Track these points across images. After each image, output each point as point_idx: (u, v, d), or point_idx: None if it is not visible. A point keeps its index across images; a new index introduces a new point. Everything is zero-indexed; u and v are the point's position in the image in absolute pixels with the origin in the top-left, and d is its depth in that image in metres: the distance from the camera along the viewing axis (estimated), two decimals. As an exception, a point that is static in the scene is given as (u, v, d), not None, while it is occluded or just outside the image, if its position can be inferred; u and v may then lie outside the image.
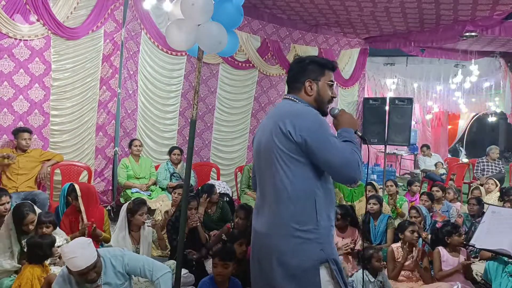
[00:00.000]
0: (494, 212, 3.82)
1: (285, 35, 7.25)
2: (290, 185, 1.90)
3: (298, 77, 2.08)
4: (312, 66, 2.07)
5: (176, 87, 6.27)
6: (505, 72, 9.22)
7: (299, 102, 2.05)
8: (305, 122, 1.89)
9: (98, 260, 2.65)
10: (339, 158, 1.83)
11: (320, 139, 1.85)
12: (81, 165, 5.34)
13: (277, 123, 1.93)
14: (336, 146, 1.85)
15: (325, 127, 1.89)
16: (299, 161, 1.89)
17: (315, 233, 1.89)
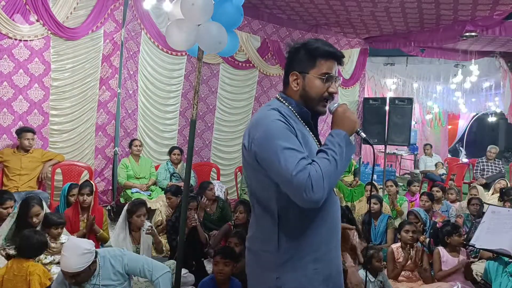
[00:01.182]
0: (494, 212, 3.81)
1: (285, 35, 7.25)
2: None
3: (286, 69, 1.76)
4: (300, 55, 1.70)
5: (177, 87, 6.27)
6: (505, 72, 9.21)
7: (283, 100, 1.73)
8: (257, 132, 1.60)
9: (84, 271, 2.59)
10: (282, 177, 1.50)
11: (267, 154, 1.55)
12: (82, 165, 5.34)
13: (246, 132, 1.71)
14: (280, 163, 1.49)
15: (275, 139, 1.53)
16: (256, 173, 1.65)
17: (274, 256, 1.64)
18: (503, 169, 7.85)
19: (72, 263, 2.55)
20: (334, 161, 1.51)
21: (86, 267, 2.59)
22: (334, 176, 1.50)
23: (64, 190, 4.47)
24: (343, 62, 1.76)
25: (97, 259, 2.74)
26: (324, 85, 1.69)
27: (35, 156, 4.77)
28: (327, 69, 1.68)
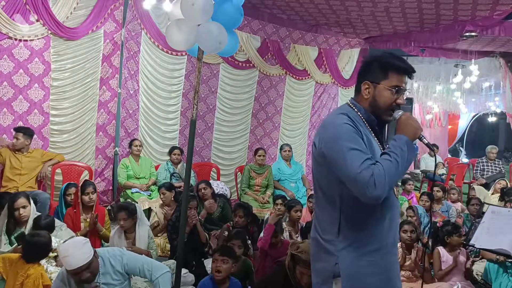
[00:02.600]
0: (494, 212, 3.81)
1: (285, 35, 7.25)
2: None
3: (358, 78, 1.91)
4: (374, 66, 1.84)
5: (177, 87, 6.27)
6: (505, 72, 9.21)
7: (353, 107, 1.87)
8: (326, 133, 1.77)
9: (93, 261, 2.64)
10: (347, 174, 1.65)
11: (334, 153, 1.70)
12: (82, 165, 5.34)
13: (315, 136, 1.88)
14: (346, 162, 1.64)
15: (343, 140, 1.68)
16: (324, 172, 1.82)
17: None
18: (503, 169, 7.85)
19: (78, 256, 2.57)
20: (396, 162, 1.65)
21: (92, 256, 2.63)
22: (395, 176, 1.65)
23: (62, 190, 4.48)
24: (413, 76, 1.91)
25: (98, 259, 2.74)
26: (393, 96, 1.84)
27: (34, 156, 4.77)
28: (398, 82, 1.83)
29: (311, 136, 7.89)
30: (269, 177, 6.08)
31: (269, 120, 7.39)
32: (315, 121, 7.91)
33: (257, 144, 7.14)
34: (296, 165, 6.55)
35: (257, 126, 7.31)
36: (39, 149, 4.92)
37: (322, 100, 7.95)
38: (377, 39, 8.00)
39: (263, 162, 6.17)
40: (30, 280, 2.92)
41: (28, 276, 2.93)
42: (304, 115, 7.77)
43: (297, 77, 7.51)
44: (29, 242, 3.02)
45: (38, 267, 3.00)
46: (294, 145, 7.31)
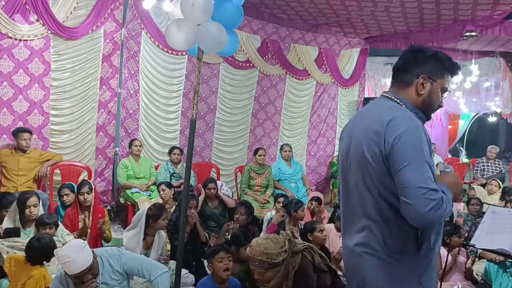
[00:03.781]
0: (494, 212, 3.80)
1: (285, 35, 7.25)
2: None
3: (411, 68, 1.73)
4: (434, 62, 1.72)
5: (178, 87, 6.26)
6: (505, 72, 9.20)
7: (402, 104, 1.71)
8: (401, 127, 1.59)
9: (94, 262, 2.65)
10: (411, 184, 1.52)
11: (408, 154, 1.55)
12: (81, 165, 5.34)
13: (370, 132, 1.65)
14: (418, 171, 1.53)
15: (422, 144, 1.58)
16: (383, 180, 1.64)
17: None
18: (503, 169, 7.84)
19: (81, 260, 2.58)
20: (449, 204, 1.59)
21: (93, 258, 2.64)
22: (445, 213, 1.57)
23: (60, 191, 4.48)
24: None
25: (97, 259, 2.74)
26: (440, 97, 1.78)
27: (32, 157, 4.75)
28: (447, 84, 1.79)
29: (311, 136, 7.89)
30: (269, 177, 6.08)
31: (269, 120, 7.39)
32: (315, 121, 7.90)
33: (257, 144, 7.14)
34: (296, 165, 6.54)
35: (257, 126, 7.30)
36: (37, 150, 4.91)
37: (322, 100, 7.94)
38: (377, 39, 8.00)
39: (263, 162, 6.17)
40: (32, 281, 2.92)
41: (31, 277, 2.93)
42: (304, 115, 7.77)
43: (297, 77, 7.51)
44: (33, 246, 3.02)
45: (41, 269, 3.00)
46: (294, 145, 7.31)
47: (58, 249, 2.73)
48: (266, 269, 2.61)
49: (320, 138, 7.98)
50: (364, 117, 1.77)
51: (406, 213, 1.55)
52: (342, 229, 1.87)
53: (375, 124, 1.65)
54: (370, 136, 1.65)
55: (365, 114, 1.81)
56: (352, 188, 1.75)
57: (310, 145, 7.91)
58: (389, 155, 1.58)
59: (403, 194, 1.54)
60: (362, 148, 1.67)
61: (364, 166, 1.67)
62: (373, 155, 1.63)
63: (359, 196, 1.71)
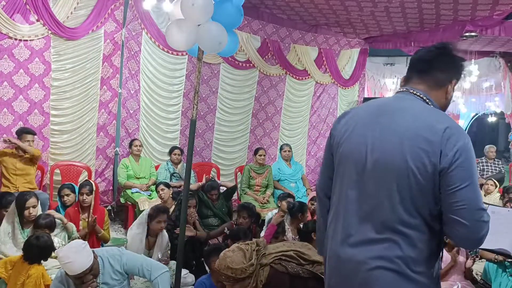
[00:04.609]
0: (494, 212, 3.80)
1: (285, 35, 7.25)
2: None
3: (448, 69, 1.60)
4: (460, 67, 1.64)
5: (178, 87, 6.27)
6: (505, 72, 9.21)
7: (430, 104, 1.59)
8: (460, 139, 1.45)
9: (94, 263, 2.65)
10: (470, 202, 1.41)
11: (467, 171, 1.43)
12: (81, 165, 5.35)
13: (418, 139, 1.46)
14: (475, 189, 1.43)
15: (475, 161, 1.49)
16: (427, 194, 1.48)
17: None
18: (503, 169, 7.85)
19: (81, 260, 2.58)
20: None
21: (94, 258, 2.65)
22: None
23: (60, 191, 4.48)
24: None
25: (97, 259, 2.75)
26: None
27: (27, 157, 4.70)
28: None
29: (311, 136, 7.90)
30: (269, 177, 6.09)
31: (269, 120, 7.39)
32: (315, 121, 7.91)
33: (257, 144, 7.14)
34: (296, 165, 6.55)
35: (257, 126, 7.31)
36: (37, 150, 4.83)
37: (322, 100, 7.95)
38: (377, 39, 8.00)
39: (264, 162, 6.17)
40: (31, 279, 2.93)
41: (29, 276, 2.94)
42: (304, 115, 7.77)
43: (297, 77, 7.51)
44: (32, 245, 3.02)
45: (39, 267, 3.01)
46: (294, 145, 7.32)
47: (58, 250, 2.74)
48: (233, 282, 2.50)
49: (320, 138, 7.99)
50: (397, 117, 1.54)
51: (457, 234, 1.45)
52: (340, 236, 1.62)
53: (423, 129, 1.47)
54: (417, 144, 1.45)
55: (396, 113, 1.56)
56: (368, 194, 1.55)
57: (310, 145, 7.92)
58: (446, 171, 1.42)
59: (459, 215, 1.42)
60: (403, 155, 1.47)
61: (403, 176, 1.47)
62: (419, 166, 1.44)
63: (380, 206, 1.51)
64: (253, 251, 2.57)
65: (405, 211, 1.48)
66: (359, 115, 1.65)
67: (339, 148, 1.66)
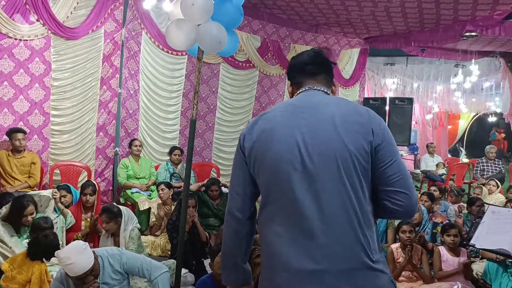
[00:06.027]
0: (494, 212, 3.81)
1: (285, 35, 7.25)
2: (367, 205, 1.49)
3: (332, 73, 1.72)
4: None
5: (178, 87, 6.27)
6: (505, 72, 9.21)
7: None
8: (381, 122, 1.54)
9: (95, 263, 2.65)
10: (405, 175, 1.48)
11: (394, 146, 1.51)
12: (81, 165, 5.34)
13: (348, 124, 1.48)
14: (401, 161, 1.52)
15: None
16: (368, 175, 1.49)
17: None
18: (503, 169, 7.85)
19: (82, 262, 2.58)
20: None
21: (94, 259, 2.65)
22: None
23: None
24: None
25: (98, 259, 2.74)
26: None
27: (24, 161, 4.64)
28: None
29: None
30: (269, 177, 6.07)
31: (269, 120, 7.37)
32: (315, 121, 7.90)
33: (257, 144, 7.13)
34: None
35: (258, 126, 7.29)
36: (33, 154, 4.78)
37: (322, 100, 7.94)
38: (377, 39, 8.01)
39: (264, 162, 6.16)
40: (36, 276, 2.94)
41: (33, 273, 2.95)
42: (305, 115, 7.76)
43: (297, 77, 7.50)
44: (40, 243, 3.03)
45: (42, 264, 3.02)
46: (294, 145, 7.30)
47: (59, 251, 2.73)
48: None
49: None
50: (321, 108, 1.53)
51: (400, 204, 1.47)
52: (293, 248, 1.46)
53: (350, 114, 1.50)
54: (350, 127, 1.47)
55: (317, 105, 1.55)
56: (318, 193, 1.44)
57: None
58: (380, 147, 1.46)
59: (398, 186, 1.46)
60: (341, 141, 1.45)
61: (347, 162, 1.44)
62: (358, 147, 1.45)
63: (342, 202, 1.43)
64: None
65: (356, 199, 1.44)
66: (274, 118, 1.56)
67: (263, 158, 1.54)
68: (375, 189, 1.50)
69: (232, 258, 1.67)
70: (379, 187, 1.49)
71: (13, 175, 4.60)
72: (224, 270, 1.71)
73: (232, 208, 1.66)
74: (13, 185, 4.57)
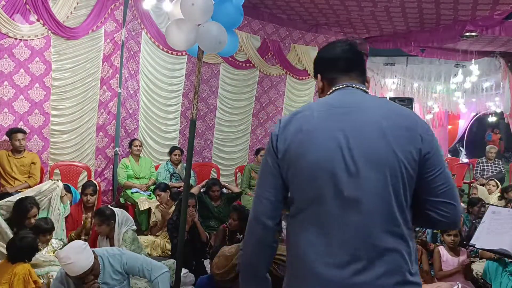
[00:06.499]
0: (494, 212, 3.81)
1: (285, 35, 7.25)
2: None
3: (365, 68, 1.60)
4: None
5: (178, 87, 6.27)
6: (505, 72, 9.20)
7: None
8: (428, 126, 1.42)
9: (95, 263, 2.66)
10: (451, 186, 1.39)
11: (442, 155, 1.42)
12: (81, 165, 5.34)
13: (397, 128, 1.36)
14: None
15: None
16: (412, 184, 1.38)
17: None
18: (503, 169, 7.84)
19: (82, 261, 2.59)
20: None
21: (94, 259, 2.66)
22: None
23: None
24: None
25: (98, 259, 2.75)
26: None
27: (24, 161, 4.64)
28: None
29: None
30: (269, 177, 6.07)
31: (270, 120, 7.39)
32: (315, 121, 7.90)
33: (258, 144, 7.14)
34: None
35: (258, 126, 7.31)
36: (33, 154, 4.78)
37: (322, 100, 7.95)
38: (377, 39, 8.00)
39: (265, 162, 6.16)
40: (19, 277, 2.91)
41: (16, 274, 2.92)
42: (305, 115, 7.76)
43: (298, 77, 7.52)
44: (14, 245, 3.01)
45: (24, 265, 2.99)
46: (295, 145, 7.30)
47: (59, 251, 2.74)
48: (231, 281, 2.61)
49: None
50: (363, 110, 1.41)
51: (447, 216, 1.38)
52: (329, 259, 1.35)
53: (396, 117, 1.38)
54: (399, 133, 1.35)
55: (358, 106, 1.42)
56: (357, 203, 1.34)
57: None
58: (429, 155, 1.36)
59: (446, 197, 1.37)
60: (390, 148, 1.33)
61: (395, 171, 1.33)
62: (408, 156, 1.34)
63: (376, 210, 1.33)
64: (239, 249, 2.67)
65: (399, 210, 1.35)
66: (311, 119, 1.42)
67: (299, 162, 1.39)
68: (418, 198, 1.39)
69: (254, 269, 1.53)
70: (424, 196, 1.39)
71: (13, 175, 4.60)
72: (244, 283, 1.55)
73: (259, 215, 1.48)
74: (13, 185, 4.57)
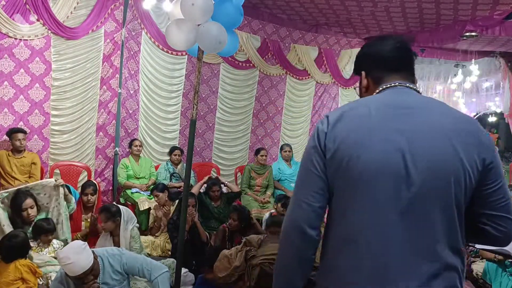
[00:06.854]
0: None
1: (285, 35, 7.25)
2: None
3: (414, 67, 1.46)
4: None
5: (178, 87, 6.27)
6: (505, 72, 9.20)
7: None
8: (488, 135, 1.29)
9: (95, 263, 2.66)
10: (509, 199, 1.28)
11: (501, 166, 1.30)
12: (81, 165, 5.34)
13: (463, 133, 1.24)
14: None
15: None
16: (470, 195, 1.27)
17: None
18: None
19: (82, 261, 2.59)
20: None
21: (94, 259, 2.66)
22: None
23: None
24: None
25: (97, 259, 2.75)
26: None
27: (24, 161, 4.64)
28: None
29: (312, 136, 7.89)
30: (269, 178, 6.08)
31: (270, 120, 7.39)
32: (316, 121, 7.90)
33: (258, 144, 7.14)
34: (296, 165, 6.54)
35: (258, 126, 7.31)
36: (33, 154, 4.78)
37: (323, 100, 7.96)
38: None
39: (265, 162, 6.17)
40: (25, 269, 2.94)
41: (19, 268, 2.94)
42: (305, 115, 7.78)
43: (298, 77, 7.51)
44: (5, 245, 3.01)
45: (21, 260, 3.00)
46: (295, 145, 7.31)
47: (58, 251, 2.75)
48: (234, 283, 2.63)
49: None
50: (423, 112, 1.27)
51: (504, 231, 1.28)
52: (378, 274, 1.21)
53: (459, 121, 1.26)
54: (465, 138, 1.23)
55: (418, 108, 1.29)
56: (419, 215, 1.21)
57: (311, 145, 7.91)
58: (492, 165, 1.24)
59: (505, 211, 1.26)
60: (457, 155, 1.21)
61: (460, 182, 1.21)
62: (473, 165, 1.22)
63: (437, 221, 1.21)
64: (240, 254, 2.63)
65: (460, 223, 1.23)
66: (366, 117, 1.29)
67: (351, 164, 1.24)
68: (472, 212, 1.28)
69: (289, 283, 1.36)
70: (479, 210, 1.27)
71: (13, 175, 4.60)
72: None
73: (300, 223, 1.29)
74: (13, 185, 4.55)
